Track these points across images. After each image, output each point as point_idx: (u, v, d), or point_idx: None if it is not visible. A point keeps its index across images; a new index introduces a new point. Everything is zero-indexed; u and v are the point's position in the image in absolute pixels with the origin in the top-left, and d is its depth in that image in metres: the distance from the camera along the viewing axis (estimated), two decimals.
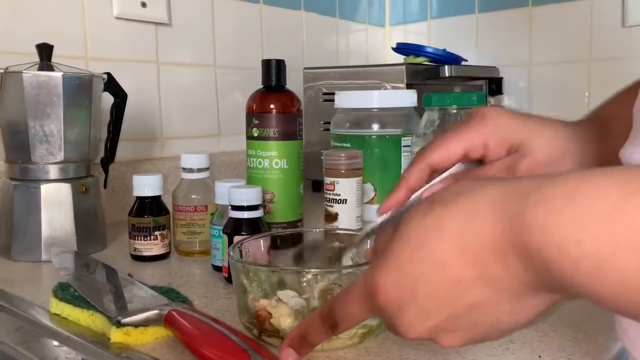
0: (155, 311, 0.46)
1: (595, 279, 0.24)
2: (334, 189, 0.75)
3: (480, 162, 0.46)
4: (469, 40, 1.40)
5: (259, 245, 0.53)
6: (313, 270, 0.46)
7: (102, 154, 0.79)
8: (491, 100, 1.28)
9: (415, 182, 0.45)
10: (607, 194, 0.24)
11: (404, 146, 0.89)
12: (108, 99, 0.78)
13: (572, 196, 0.25)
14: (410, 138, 0.86)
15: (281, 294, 0.44)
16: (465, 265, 0.29)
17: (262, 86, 0.75)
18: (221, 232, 0.60)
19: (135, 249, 0.69)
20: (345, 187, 0.74)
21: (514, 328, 0.31)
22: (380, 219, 0.46)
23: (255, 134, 0.73)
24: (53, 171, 0.72)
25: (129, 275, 0.58)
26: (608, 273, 0.24)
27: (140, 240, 0.69)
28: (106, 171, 0.79)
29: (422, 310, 0.30)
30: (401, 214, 0.43)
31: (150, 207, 0.69)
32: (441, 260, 0.29)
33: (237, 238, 0.56)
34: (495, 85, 1.28)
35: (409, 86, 1.02)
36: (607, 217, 0.24)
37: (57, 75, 0.70)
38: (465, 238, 0.29)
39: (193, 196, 0.72)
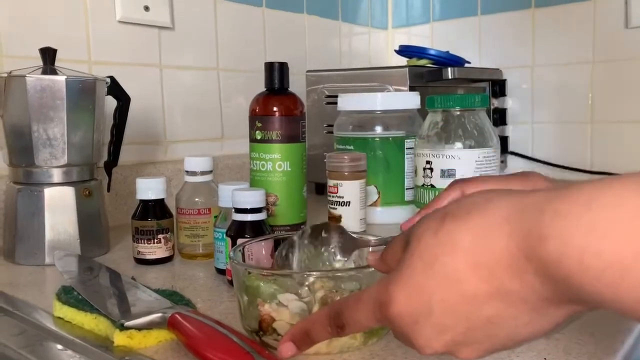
0: (159, 314, 0.45)
1: (619, 289, 0.24)
2: (337, 192, 0.75)
3: None
4: (471, 42, 1.39)
5: (261, 248, 0.53)
6: (315, 273, 0.45)
7: (105, 157, 0.79)
8: (494, 102, 1.28)
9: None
10: (625, 202, 0.24)
11: (407, 148, 0.89)
12: (111, 103, 0.78)
13: (589, 205, 0.25)
14: (414, 140, 0.85)
15: (282, 297, 0.44)
16: (480, 281, 0.29)
17: (265, 89, 0.75)
18: (224, 235, 0.60)
19: (138, 252, 0.69)
20: (348, 190, 0.74)
21: (532, 338, 0.31)
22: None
23: (259, 137, 0.73)
24: (56, 175, 0.72)
25: (133, 278, 0.58)
26: (632, 282, 0.23)
27: (144, 243, 0.69)
28: (109, 175, 0.79)
29: (437, 325, 0.31)
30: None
31: (154, 210, 0.69)
32: (455, 277, 0.29)
33: (240, 241, 0.56)
34: (498, 87, 1.28)
35: (411, 88, 1.02)
36: (627, 225, 0.23)
37: (60, 79, 0.70)
38: (479, 254, 0.29)
39: (196, 199, 0.72)
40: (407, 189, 0.89)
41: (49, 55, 0.73)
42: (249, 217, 0.59)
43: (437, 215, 0.32)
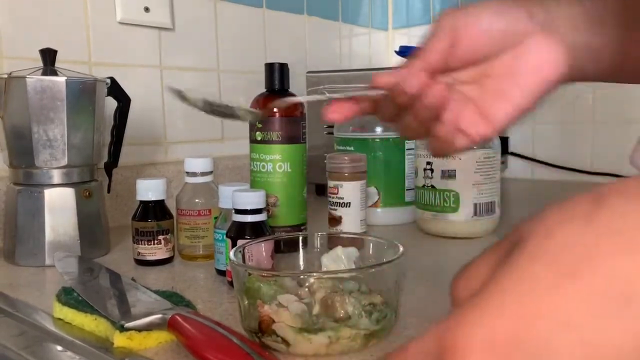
0: (159, 315, 0.45)
1: None
2: (337, 193, 0.75)
3: None
4: None
5: (261, 249, 0.53)
6: (315, 274, 0.45)
7: (105, 158, 0.79)
8: None
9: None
10: None
11: (407, 149, 0.89)
12: (111, 104, 0.78)
13: None
14: (414, 141, 0.85)
15: (282, 298, 0.44)
16: None
17: (265, 90, 0.75)
18: (225, 236, 0.60)
19: (138, 254, 0.69)
20: (349, 191, 0.74)
21: None
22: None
23: (259, 138, 0.73)
24: (57, 176, 0.72)
25: (133, 279, 0.58)
26: None
27: (144, 244, 0.69)
28: (110, 176, 0.79)
29: None
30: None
31: (154, 211, 0.69)
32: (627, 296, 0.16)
33: (240, 242, 0.56)
34: None
35: None
36: None
37: (60, 80, 0.70)
38: None
39: (197, 200, 0.72)
40: (407, 190, 0.89)
41: (49, 56, 0.73)
42: (249, 218, 0.58)
43: (584, 196, 0.18)
